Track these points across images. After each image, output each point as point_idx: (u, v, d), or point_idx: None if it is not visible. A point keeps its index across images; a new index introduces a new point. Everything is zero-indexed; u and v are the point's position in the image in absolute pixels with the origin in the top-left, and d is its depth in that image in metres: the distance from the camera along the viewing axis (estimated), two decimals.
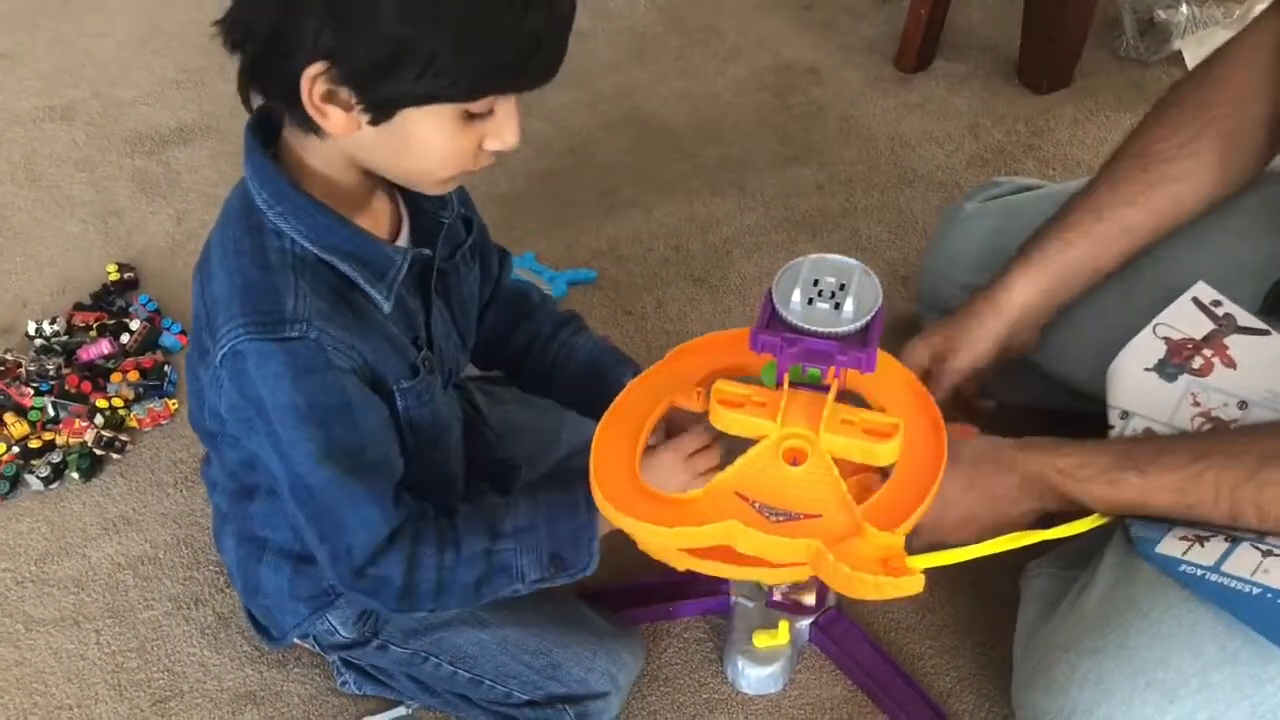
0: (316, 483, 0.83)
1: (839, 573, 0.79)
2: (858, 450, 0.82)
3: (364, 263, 0.82)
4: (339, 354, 0.81)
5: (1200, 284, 1.01)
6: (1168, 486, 0.88)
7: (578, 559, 0.89)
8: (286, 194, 0.80)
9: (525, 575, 0.88)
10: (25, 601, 1.14)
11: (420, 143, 0.78)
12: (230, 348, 0.79)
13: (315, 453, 0.81)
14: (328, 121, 0.76)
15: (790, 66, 1.76)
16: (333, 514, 0.84)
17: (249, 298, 0.79)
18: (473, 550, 0.87)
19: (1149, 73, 1.72)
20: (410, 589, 0.86)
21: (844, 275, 0.82)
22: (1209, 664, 0.82)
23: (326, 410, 0.81)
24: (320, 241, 0.81)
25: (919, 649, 1.09)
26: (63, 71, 1.77)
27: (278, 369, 0.79)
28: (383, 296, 0.83)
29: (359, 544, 0.84)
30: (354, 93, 0.74)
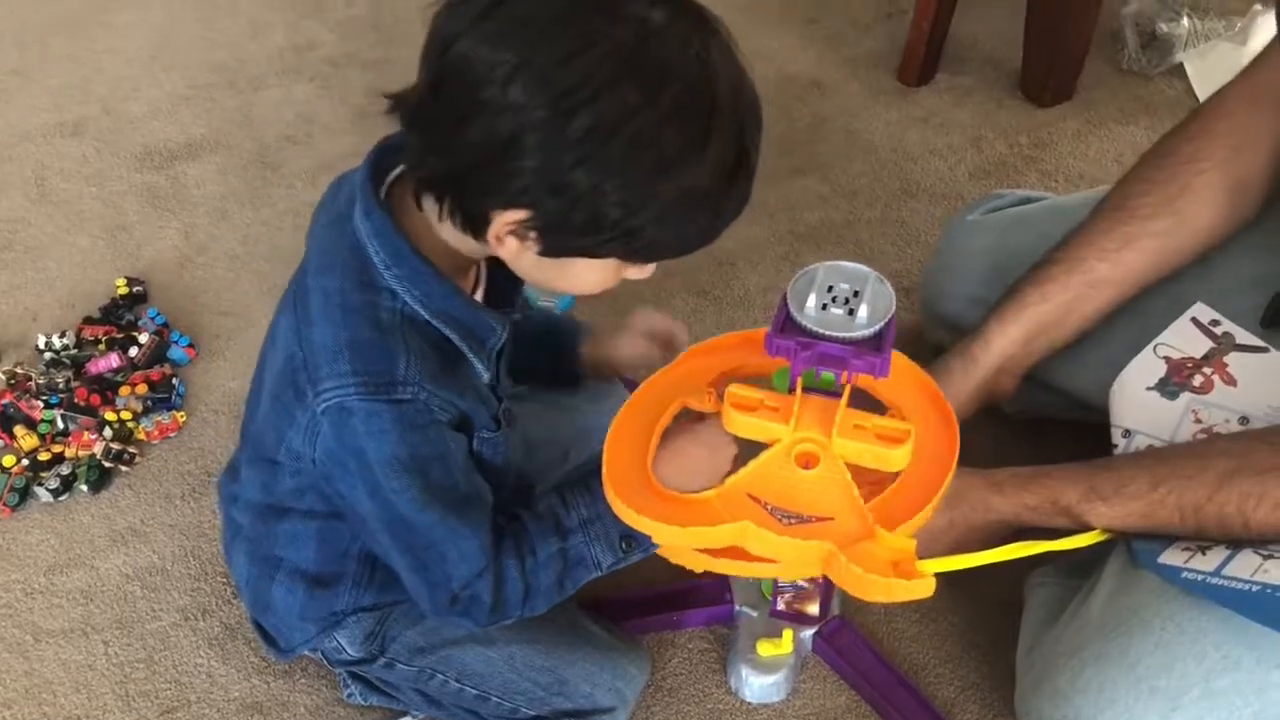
0: (420, 523, 0.84)
1: (851, 574, 0.79)
2: (869, 455, 0.83)
3: (469, 331, 0.84)
4: (441, 410, 0.83)
5: (1199, 304, 1.02)
6: (1134, 513, 0.90)
7: (644, 540, 0.89)
8: (406, 257, 0.80)
9: (601, 562, 0.90)
10: (34, 612, 1.15)
11: (575, 277, 0.81)
12: (338, 402, 0.80)
13: (417, 499, 0.83)
14: (501, 248, 0.77)
15: (794, 80, 1.77)
16: (435, 549, 0.85)
17: (360, 357, 0.80)
18: (548, 552, 0.89)
19: (1151, 85, 1.73)
20: (500, 603, 0.88)
21: (858, 282, 0.83)
22: (1212, 671, 0.83)
23: (427, 459, 0.83)
24: (432, 307, 0.81)
25: (922, 658, 1.09)
26: (73, 88, 1.78)
27: (385, 426, 0.80)
28: (484, 366, 0.86)
29: (458, 575, 0.86)
30: (538, 238, 0.76)
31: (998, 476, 0.97)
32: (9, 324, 1.43)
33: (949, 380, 1.05)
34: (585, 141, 0.71)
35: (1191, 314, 1.02)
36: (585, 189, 0.72)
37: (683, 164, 0.73)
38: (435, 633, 0.98)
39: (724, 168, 0.75)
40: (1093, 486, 0.92)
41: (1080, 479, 0.93)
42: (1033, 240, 1.16)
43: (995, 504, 0.95)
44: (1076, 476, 0.93)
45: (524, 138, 0.71)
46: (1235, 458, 0.88)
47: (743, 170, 0.77)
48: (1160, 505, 0.89)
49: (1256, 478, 0.85)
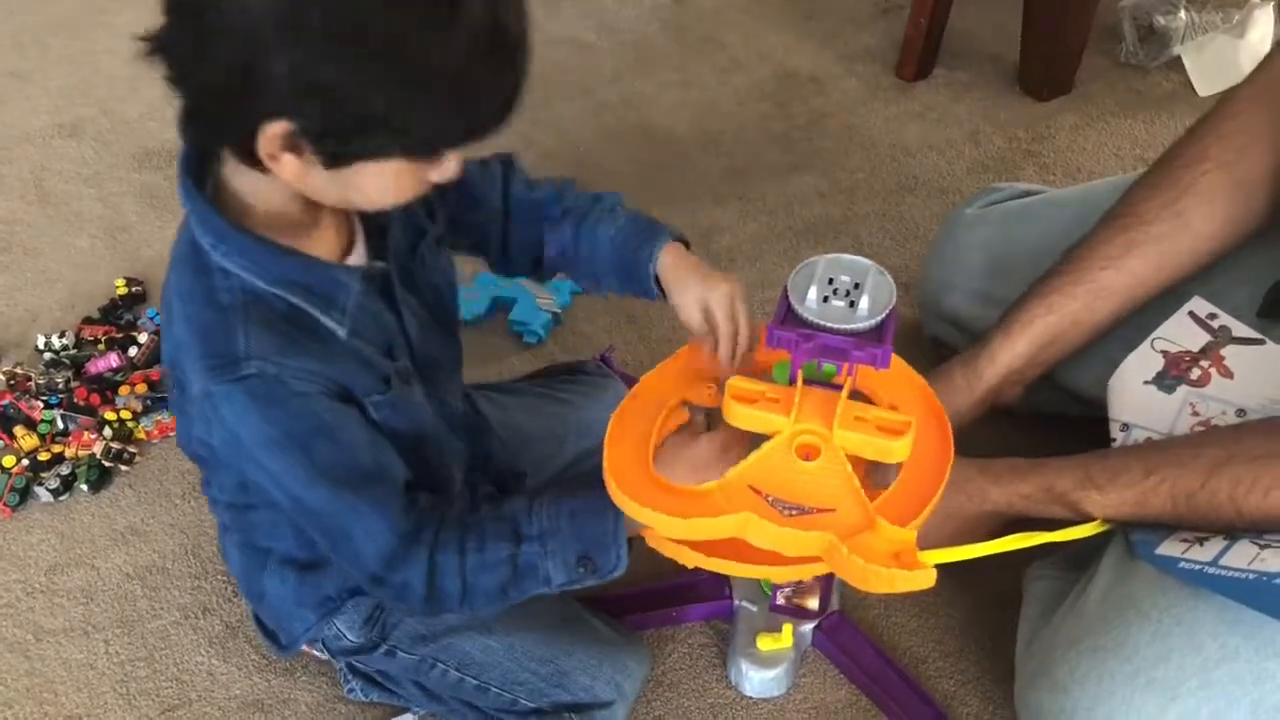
0: (314, 502, 0.83)
1: (853, 565, 0.79)
2: (870, 447, 0.83)
3: (313, 291, 0.81)
4: (300, 381, 0.80)
5: (1196, 298, 1.02)
6: (1128, 501, 0.91)
7: (607, 560, 0.87)
8: (227, 234, 0.79)
9: (552, 578, 0.87)
10: (35, 612, 1.15)
11: (369, 186, 0.78)
12: (201, 390, 0.79)
13: (304, 476, 0.81)
14: (279, 167, 0.74)
15: (792, 76, 1.77)
16: (339, 529, 0.84)
17: (205, 341, 0.80)
18: (496, 556, 0.86)
19: (1149, 79, 1.73)
20: (435, 594, 0.85)
21: (858, 274, 0.84)
22: (1209, 661, 0.83)
23: (304, 434, 0.81)
24: (267, 276, 0.80)
25: (922, 651, 1.09)
26: (72, 89, 1.78)
27: (243, 405, 0.79)
28: (337, 324, 0.82)
29: (367, 554, 0.84)
30: (312, 148, 0.73)
31: (994, 466, 0.97)
32: (9, 324, 1.43)
33: (952, 391, 1.06)
34: (327, 32, 0.68)
35: (1189, 308, 1.02)
36: (338, 82, 0.69)
37: (430, 42, 0.69)
38: (436, 620, 0.98)
39: (477, 42, 0.71)
40: (1087, 475, 0.93)
41: (1075, 468, 0.94)
42: (1031, 234, 1.17)
43: (991, 493, 0.96)
44: (1071, 466, 0.94)
45: (264, 41, 0.68)
46: (1227, 446, 0.88)
47: (500, 42, 0.73)
48: (1153, 493, 0.89)
49: (1248, 464, 0.86)
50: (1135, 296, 1.04)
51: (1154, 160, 1.08)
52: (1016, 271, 1.15)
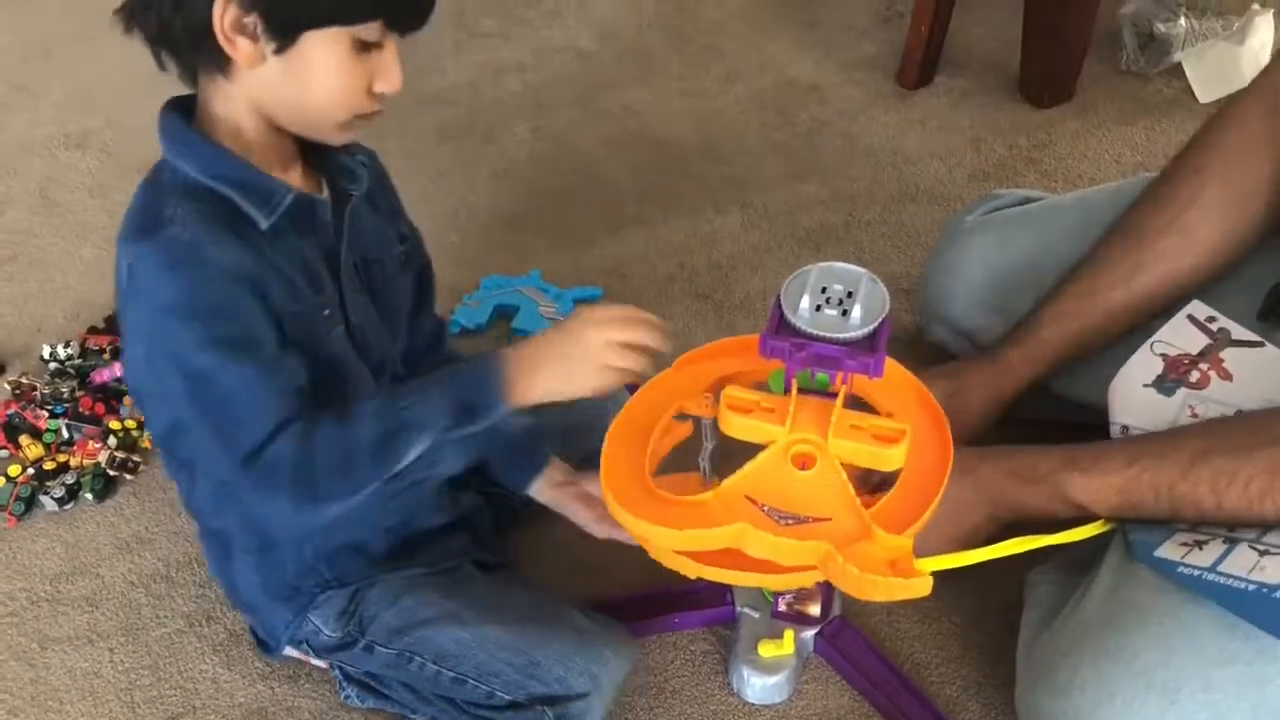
0: (206, 368, 0.82)
1: (849, 575, 0.79)
2: (866, 455, 0.83)
3: (248, 189, 0.86)
4: (219, 257, 0.83)
5: (1195, 301, 1.03)
6: (1112, 487, 0.92)
7: (486, 398, 0.87)
8: (180, 133, 0.87)
9: (433, 423, 0.86)
10: (40, 620, 1.15)
11: (318, 74, 0.84)
12: (127, 268, 0.83)
13: (201, 340, 0.82)
14: (236, 51, 0.81)
15: (793, 84, 1.78)
16: (225, 400, 0.83)
17: (138, 218, 0.85)
18: (372, 409, 0.86)
19: (1149, 85, 1.73)
20: (308, 470, 0.83)
21: (851, 283, 0.84)
22: (1210, 664, 0.83)
23: (210, 307, 0.82)
24: (207, 171, 0.85)
25: (924, 657, 1.09)
26: (77, 100, 1.80)
27: (157, 265, 0.82)
28: (263, 216, 0.86)
29: (249, 422, 0.83)
30: (260, 18, 0.80)
31: (983, 449, 0.99)
32: (14, 334, 1.44)
33: (970, 405, 1.08)
34: None
35: (1188, 311, 1.03)
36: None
37: None
38: (409, 613, 0.99)
39: None
40: (1072, 458, 0.94)
41: (1061, 451, 0.95)
42: (1032, 240, 1.17)
43: (976, 467, 0.97)
44: (1057, 449, 0.96)
45: None
46: (1208, 437, 0.90)
47: None
48: (1136, 482, 0.90)
49: (1229, 455, 0.87)
50: (1145, 312, 1.06)
51: (1156, 169, 1.09)
52: (1018, 278, 1.16)
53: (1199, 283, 1.05)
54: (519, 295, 1.43)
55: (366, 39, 0.84)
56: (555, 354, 0.88)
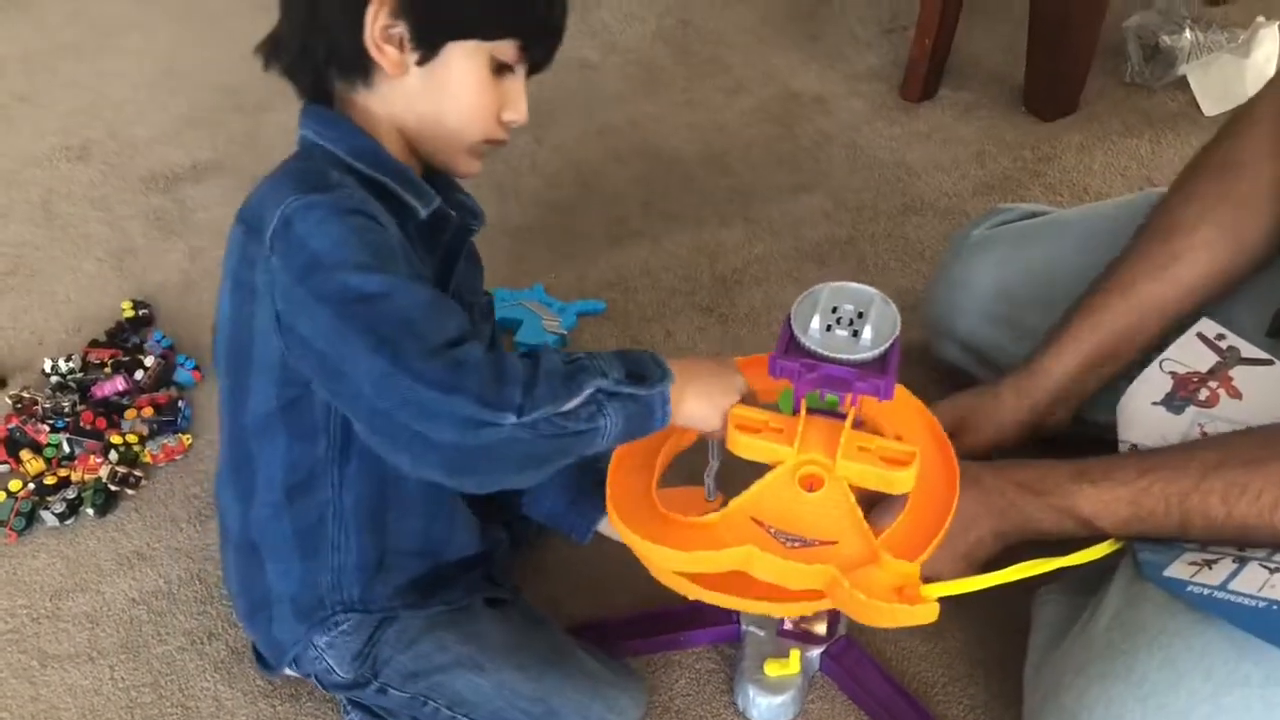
0: (375, 289, 0.78)
1: (854, 600, 0.79)
2: (874, 477, 0.83)
3: (404, 179, 0.89)
4: (379, 215, 0.84)
5: (1204, 319, 1.02)
6: (1122, 499, 0.91)
7: (652, 370, 0.84)
8: (333, 120, 0.90)
9: (607, 373, 0.81)
10: (40, 637, 1.15)
11: (456, 86, 0.89)
12: (280, 218, 0.82)
13: (371, 266, 0.79)
14: (384, 58, 0.86)
15: (797, 97, 1.78)
16: (400, 311, 0.78)
17: (296, 180, 0.85)
18: (555, 357, 0.82)
19: (1154, 98, 1.73)
20: (496, 373, 0.77)
21: (862, 303, 0.83)
22: (1220, 687, 0.82)
23: (377, 246, 0.81)
24: (364, 158, 0.88)
25: (931, 677, 1.08)
26: (79, 112, 1.79)
27: (324, 214, 0.81)
28: (421, 205, 0.89)
29: (432, 329, 0.77)
30: (408, 26, 0.86)
31: (991, 461, 0.98)
32: (15, 348, 1.44)
33: (1000, 410, 1.07)
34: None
35: (1197, 329, 1.02)
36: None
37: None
38: (426, 658, 0.97)
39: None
40: (1082, 470, 0.93)
41: (1070, 463, 0.95)
42: (1039, 254, 1.17)
43: (984, 478, 0.96)
44: (1066, 462, 0.95)
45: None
46: (1220, 450, 0.89)
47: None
48: (1146, 493, 0.90)
49: (1241, 468, 0.86)
50: (1183, 307, 1.04)
51: (1162, 182, 1.08)
52: (1025, 292, 1.15)
53: (1238, 279, 1.04)
54: (522, 309, 1.42)
55: (502, 59, 0.89)
56: (704, 380, 0.87)
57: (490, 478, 0.81)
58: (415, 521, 0.97)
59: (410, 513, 0.97)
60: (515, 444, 0.78)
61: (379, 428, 0.79)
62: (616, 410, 0.81)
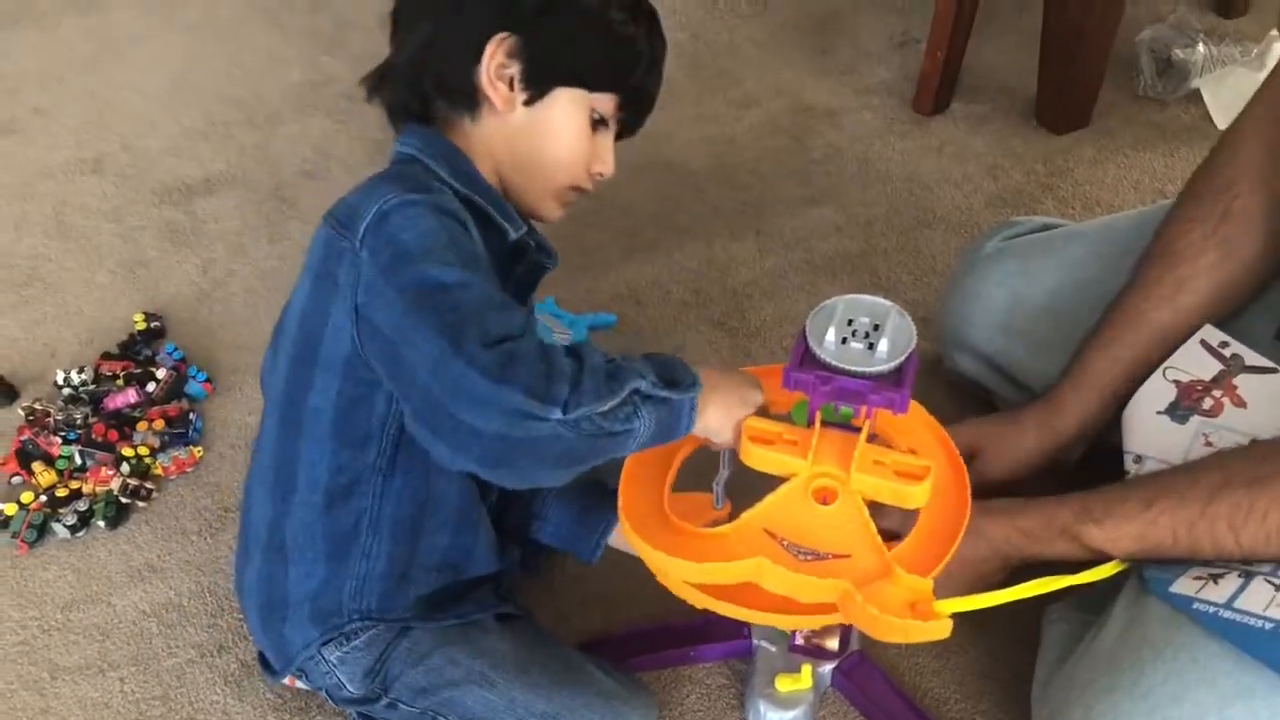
0: (453, 280, 0.81)
1: (867, 614, 0.78)
2: (888, 491, 0.82)
3: (498, 205, 0.93)
4: (473, 228, 0.88)
5: (1207, 326, 1.02)
6: (1128, 535, 0.90)
7: (684, 375, 0.85)
8: (438, 140, 0.93)
9: (640, 373, 0.82)
10: (51, 649, 1.15)
11: (557, 128, 0.94)
12: (376, 212, 0.84)
13: (449, 260, 0.82)
14: (495, 94, 0.91)
15: (808, 110, 1.78)
16: (468, 304, 0.80)
17: (396, 181, 0.88)
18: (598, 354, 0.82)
19: (1167, 112, 1.72)
20: (548, 368, 0.78)
21: (878, 316, 0.83)
22: (1225, 699, 0.81)
23: (462, 247, 0.84)
24: (461, 178, 0.91)
25: (943, 693, 1.07)
26: (92, 125, 1.80)
27: (420, 211, 0.85)
28: (512, 228, 0.93)
29: (494, 322, 0.79)
30: (522, 66, 0.91)
31: (988, 503, 0.97)
32: (28, 360, 1.44)
33: (1023, 438, 1.07)
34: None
35: (1200, 336, 1.02)
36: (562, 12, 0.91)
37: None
38: (437, 673, 0.97)
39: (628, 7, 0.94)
40: (1085, 508, 0.92)
41: (1073, 501, 0.93)
42: (1051, 268, 1.16)
43: (987, 529, 0.95)
44: (1069, 500, 0.94)
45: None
46: (1222, 471, 0.88)
47: (646, 12, 0.97)
48: (1154, 526, 0.89)
49: (1244, 488, 0.86)
50: (1192, 329, 1.04)
51: (1175, 195, 1.08)
52: (1037, 306, 1.15)
53: (1245, 297, 1.04)
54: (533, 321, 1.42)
55: (600, 112, 0.95)
56: (725, 391, 0.88)
57: (526, 473, 0.81)
58: (444, 538, 0.97)
59: (443, 529, 0.97)
60: (556, 441, 0.78)
61: (426, 415, 0.80)
62: (649, 413, 0.82)
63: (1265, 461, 0.88)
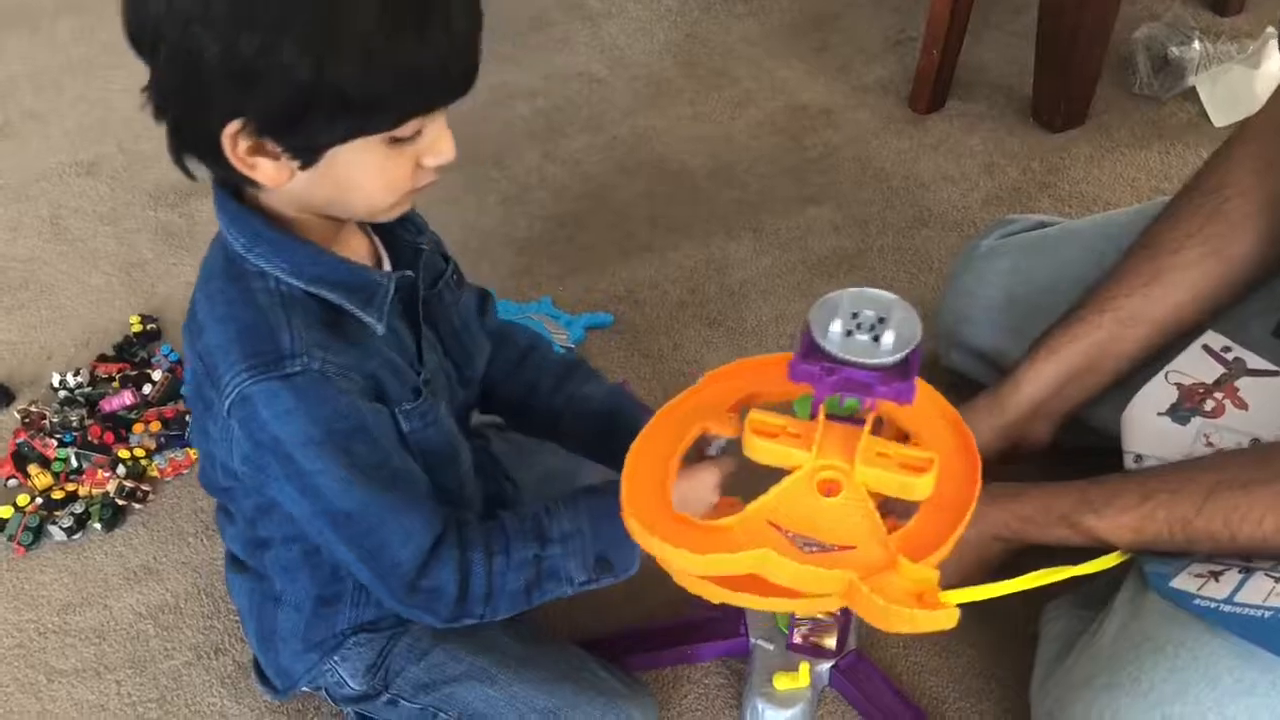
0: (353, 507, 0.82)
1: (873, 605, 0.78)
2: (893, 483, 0.82)
3: (351, 289, 0.83)
4: (343, 379, 0.81)
5: (1210, 331, 1.02)
6: (1125, 526, 0.90)
7: (622, 560, 0.89)
8: (262, 234, 0.81)
9: (573, 579, 0.88)
10: (47, 652, 1.14)
11: (355, 178, 0.79)
12: (237, 394, 0.79)
13: (345, 477, 0.81)
14: (258, 174, 0.77)
15: (804, 109, 1.78)
16: (375, 533, 0.83)
17: (245, 341, 0.80)
18: (522, 556, 0.87)
19: (1163, 109, 1.72)
20: (464, 596, 0.85)
21: (883, 308, 0.82)
22: (1225, 696, 0.81)
23: (345, 434, 0.81)
24: (304, 274, 0.81)
25: (941, 692, 1.07)
26: (88, 128, 1.80)
27: (288, 405, 0.79)
28: (375, 319, 0.83)
29: (407, 556, 0.83)
30: (277, 142, 0.75)
31: (989, 488, 0.96)
32: (24, 362, 1.44)
33: (975, 422, 1.04)
34: (236, 5, 0.70)
35: (1203, 341, 1.02)
36: (262, 55, 0.70)
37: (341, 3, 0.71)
38: (438, 669, 0.97)
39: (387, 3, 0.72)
40: (1084, 498, 0.92)
41: (1072, 490, 0.94)
42: (1048, 265, 1.16)
43: (988, 514, 0.95)
44: (1069, 488, 0.94)
45: (191, 34, 0.71)
46: (1218, 471, 0.88)
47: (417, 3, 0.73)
48: (1150, 519, 0.89)
49: (1241, 490, 0.85)
50: (1166, 325, 1.04)
51: (1171, 193, 1.08)
52: (1034, 303, 1.15)
53: (1226, 300, 1.03)
54: (530, 321, 1.42)
55: (402, 136, 0.78)
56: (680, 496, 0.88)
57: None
58: None
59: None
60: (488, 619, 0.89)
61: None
62: (583, 587, 0.89)
63: (1262, 465, 0.88)
